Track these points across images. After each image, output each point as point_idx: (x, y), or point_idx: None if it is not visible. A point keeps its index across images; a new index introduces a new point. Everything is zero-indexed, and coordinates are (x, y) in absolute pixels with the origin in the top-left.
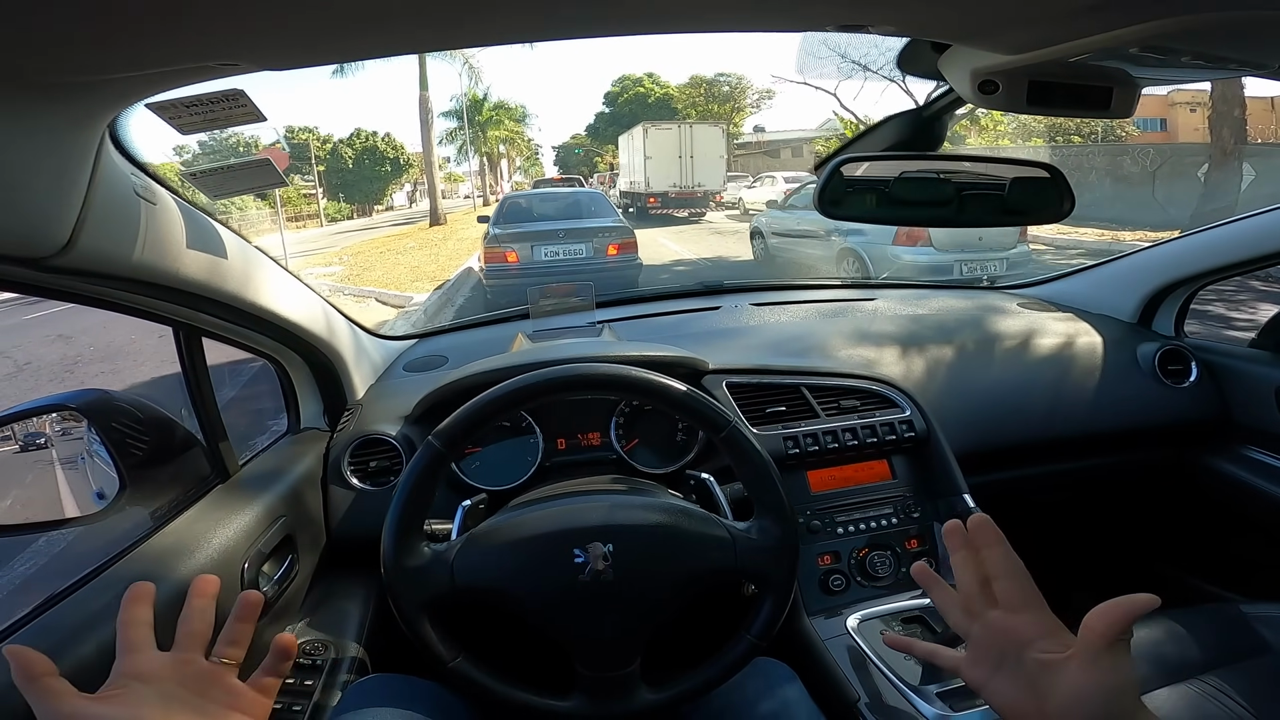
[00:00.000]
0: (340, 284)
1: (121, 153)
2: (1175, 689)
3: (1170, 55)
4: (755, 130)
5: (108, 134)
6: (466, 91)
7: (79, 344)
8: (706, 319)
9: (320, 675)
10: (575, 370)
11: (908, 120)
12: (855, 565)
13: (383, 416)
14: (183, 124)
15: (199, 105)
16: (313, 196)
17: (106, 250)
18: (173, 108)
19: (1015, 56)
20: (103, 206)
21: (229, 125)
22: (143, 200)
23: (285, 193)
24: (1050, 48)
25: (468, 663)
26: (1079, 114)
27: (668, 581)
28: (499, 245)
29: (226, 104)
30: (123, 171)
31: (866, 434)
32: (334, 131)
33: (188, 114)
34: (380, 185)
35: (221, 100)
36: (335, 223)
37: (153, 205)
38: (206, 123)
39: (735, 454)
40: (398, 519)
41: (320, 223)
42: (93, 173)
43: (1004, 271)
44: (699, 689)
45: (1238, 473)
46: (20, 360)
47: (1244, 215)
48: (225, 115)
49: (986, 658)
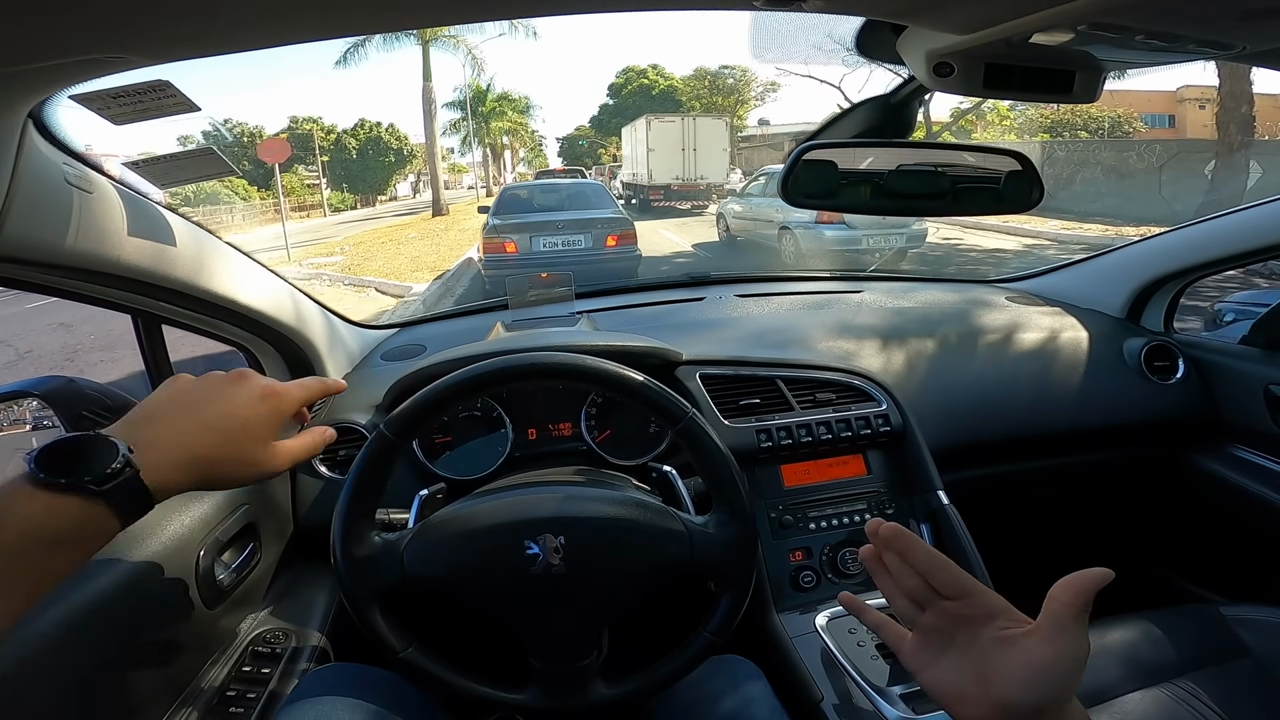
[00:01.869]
0: (341, 273)
1: (51, 141)
2: (1149, 692)
3: (1124, 34)
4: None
5: (31, 123)
6: (470, 82)
7: (80, 332)
8: (689, 310)
9: (279, 663)
10: (528, 359)
11: (876, 107)
12: (827, 562)
13: (355, 405)
14: (113, 114)
15: (125, 96)
16: (316, 187)
17: (36, 238)
18: (99, 99)
19: (967, 36)
20: (29, 195)
21: (161, 115)
22: (76, 189)
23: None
24: (999, 26)
25: (420, 653)
26: (1039, 98)
27: (621, 575)
28: (497, 236)
29: (155, 94)
30: (52, 160)
31: (841, 428)
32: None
33: (115, 105)
34: (384, 176)
35: (149, 91)
36: (339, 213)
37: (88, 194)
38: (137, 113)
39: (692, 447)
40: (346, 508)
41: (324, 213)
42: (15, 162)
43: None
44: (655, 685)
45: (1224, 471)
46: (21, 348)
47: (1235, 209)
48: (156, 105)
49: (933, 643)
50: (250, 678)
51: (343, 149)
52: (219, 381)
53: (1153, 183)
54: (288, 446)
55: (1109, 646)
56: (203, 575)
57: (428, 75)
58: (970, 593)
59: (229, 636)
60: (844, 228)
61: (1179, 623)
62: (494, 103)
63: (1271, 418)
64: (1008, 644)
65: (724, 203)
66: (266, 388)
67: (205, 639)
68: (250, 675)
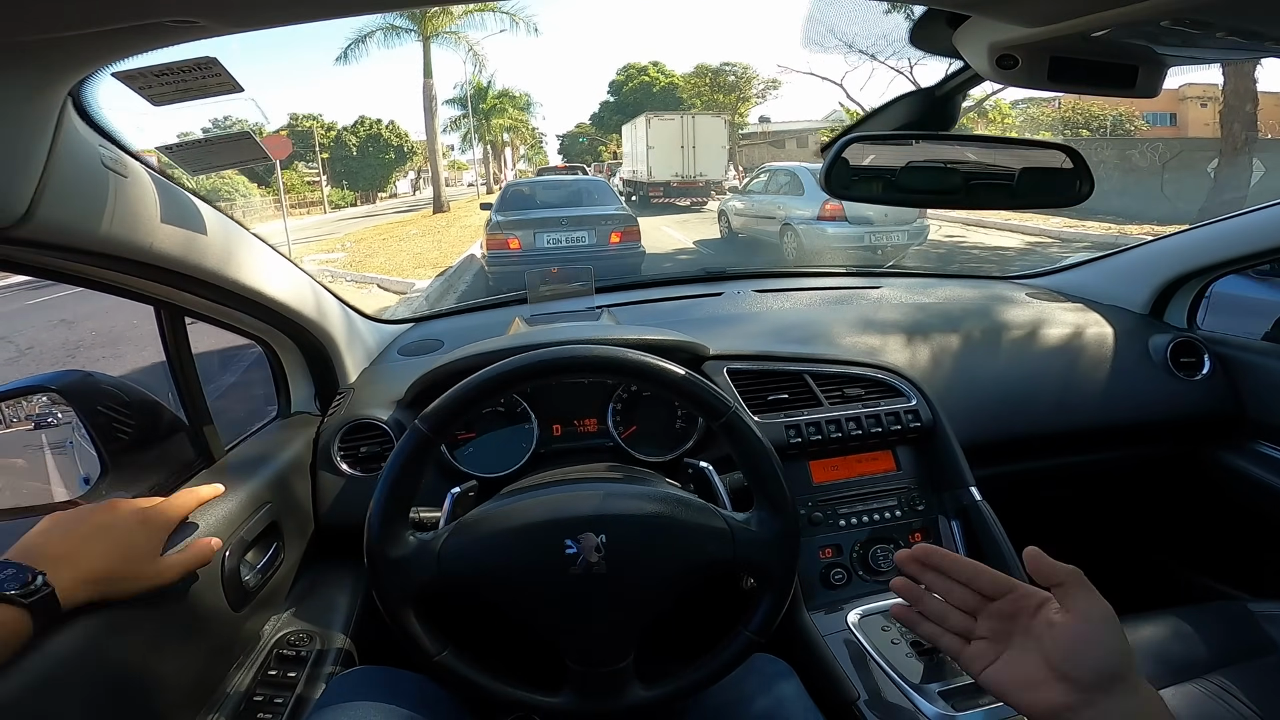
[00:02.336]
0: (342, 269)
1: (89, 123)
2: (1180, 688)
3: (1204, 30)
4: (760, 120)
5: (70, 103)
6: (471, 79)
7: (81, 329)
8: (708, 305)
9: (304, 667)
10: (568, 352)
11: (919, 99)
12: (857, 559)
13: (375, 401)
14: (154, 94)
15: (169, 74)
16: (317, 184)
17: (69, 222)
18: (141, 77)
19: (1036, 29)
20: (65, 177)
21: (204, 95)
22: (112, 172)
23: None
24: (1073, 20)
25: (454, 656)
26: (1102, 92)
27: (662, 574)
28: (501, 232)
29: (199, 73)
30: (89, 142)
31: (871, 423)
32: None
33: (158, 83)
34: (384, 172)
35: (194, 69)
36: (339, 209)
37: (123, 178)
38: (179, 93)
39: (735, 441)
40: (382, 506)
41: (324, 209)
42: (53, 142)
43: (906, 242)
44: (693, 687)
45: (1250, 468)
46: (23, 345)
47: (1259, 206)
48: (199, 85)
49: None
50: (276, 682)
51: (343, 146)
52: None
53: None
54: (175, 559)
55: (1138, 644)
56: (229, 576)
57: (428, 72)
58: (1013, 587)
59: (254, 639)
60: (847, 225)
61: (1207, 620)
62: (495, 100)
63: None
64: (1057, 626)
65: (725, 200)
66: (139, 512)
67: (231, 642)
68: (276, 679)
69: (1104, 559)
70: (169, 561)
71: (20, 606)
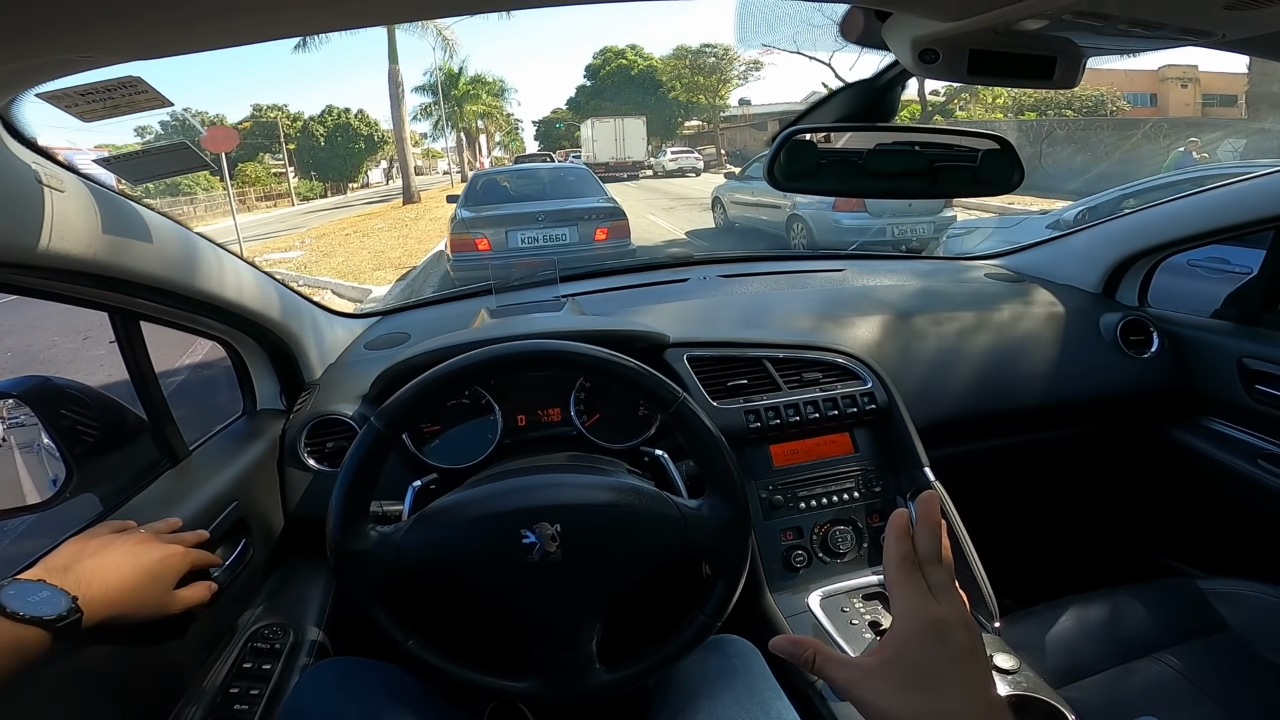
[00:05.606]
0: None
1: (21, 141)
2: (1131, 666)
3: (1108, 22)
4: (740, 103)
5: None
6: (441, 65)
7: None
8: (673, 291)
9: (279, 659)
10: (517, 348)
11: (859, 91)
12: (818, 541)
13: (341, 396)
14: (81, 112)
15: (94, 94)
16: (283, 175)
17: (9, 241)
18: (67, 97)
19: (954, 24)
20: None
21: (133, 111)
22: (48, 188)
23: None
24: (988, 13)
25: (421, 645)
26: (1022, 84)
27: (617, 561)
28: (467, 230)
29: (125, 91)
30: (21, 161)
31: (828, 406)
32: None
33: (84, 102)
34: (354, 162)
35: (119, 88)
36: (307, 201)
37: (60, 193)
38: (108, 110)
39: (684, 431)
40: (342, 503)
41: (291, 201)
42: None
43: (931, 234)
44: (654, 667)
45: (1199, 444)
46: None
47: (1210, 187)
48: (127, 102)
49: None
50: (252, 674)
51: (310, 136)
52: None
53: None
54: (182, 594)
55: (1088, 621)
56: (198, 573)
57: (394, 58)
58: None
59: (228, 634)
60: (865, 216)
61: (1158, 597)
62: (467, 86)
63: (1244, 390)
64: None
65: (720, 186)
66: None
67: (204, 638)
68: (251, 672)
69: (1059, 535)
70: (177, 595)
71: (49, 629)
